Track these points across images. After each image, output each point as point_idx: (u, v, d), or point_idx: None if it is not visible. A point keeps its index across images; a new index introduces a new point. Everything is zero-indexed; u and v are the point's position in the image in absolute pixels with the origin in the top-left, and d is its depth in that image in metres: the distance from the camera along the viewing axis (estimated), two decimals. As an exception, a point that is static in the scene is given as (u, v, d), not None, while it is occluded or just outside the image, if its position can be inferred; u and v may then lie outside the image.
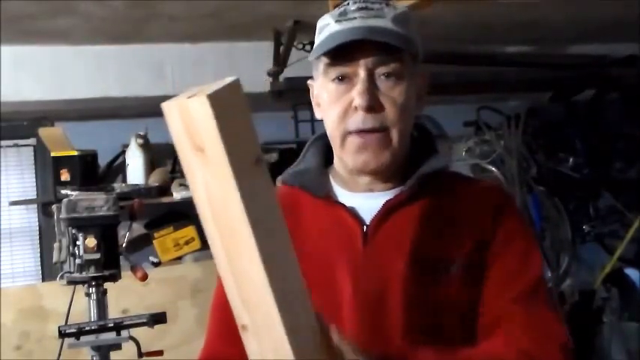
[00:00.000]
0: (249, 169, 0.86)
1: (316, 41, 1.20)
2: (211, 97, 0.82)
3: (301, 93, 1.48)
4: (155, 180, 3.65)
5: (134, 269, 2.36)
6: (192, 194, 0.90)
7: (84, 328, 2.14)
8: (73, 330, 2.12)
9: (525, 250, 1.20)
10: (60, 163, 3.33)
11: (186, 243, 3.75)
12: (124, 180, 3.79)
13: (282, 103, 3.40)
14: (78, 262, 2.23)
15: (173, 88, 3.38)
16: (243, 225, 0.85)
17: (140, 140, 3.74)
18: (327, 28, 1.17)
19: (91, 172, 3.39)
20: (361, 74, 1.14)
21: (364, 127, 1.14)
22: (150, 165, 3.76)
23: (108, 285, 2.26)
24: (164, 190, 3.62)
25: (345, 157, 1.18)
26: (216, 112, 0.82)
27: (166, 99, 0.88)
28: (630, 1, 2.81)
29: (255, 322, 0.90)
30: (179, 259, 3.74)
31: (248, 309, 0.90)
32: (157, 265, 3.64)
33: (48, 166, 3.66)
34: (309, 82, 1.27)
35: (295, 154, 1.27)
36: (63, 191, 2.57)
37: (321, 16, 1.22)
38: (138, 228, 3.66)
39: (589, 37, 3.65)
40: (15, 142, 4.01)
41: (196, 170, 0.87)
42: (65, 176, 3.28)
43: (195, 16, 2.92)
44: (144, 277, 2.35)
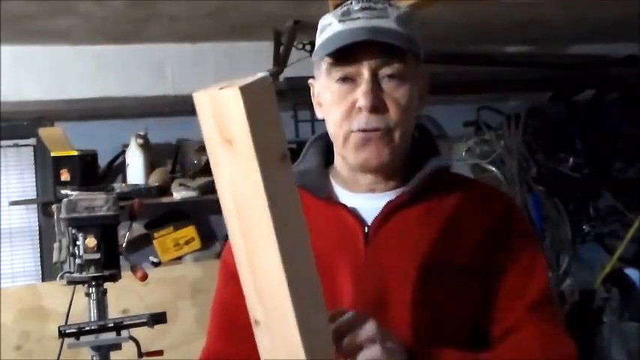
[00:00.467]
0: (275, 164, 0.87)
1: (318, 40, 1.19)
2: (244, 89, 0.82)
3: (301, 93, 1.48)
4: (155, 180, 3.65)
5: (134, 269, 2.36)
6: (215, 186, 0.90)
7: (84, 328, 2.14)
8: (73, 330, 2.12)
9: (532, 261, 1.20)
10: (60, 163, 3.32)
11: (186, 243, 3.75)
12: (124, 180, 3.79)
13: (282, 103, 3.40)
14: (78, 262, 2.23)
15: (173, 88, 3.38)
16: (265, 220, 0.85)
17: (140, 140, 3.74)
18: (330, 27, 1.16)
19: (91, 172, 3.38)
20: (365, 75, 1.13)
21: (367, 128, 1.14)
22: (150, 165, 3.76)
23: (108, 285, 2.26)
24: (164, 190, 3.62)
25: (347, 154, 1.18)
26: (248, 104, 0.82)
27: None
28: (630, 1, 2.81)
29: (269, 317, 0.90)
30: (179, 259, 3.75)
31: (263, 304, 0.90)
32: (157, 265, 3.64)
33: (48, 166, 3.66)
34: (310, 81, 1.26)
35: (295, 154, 1.27)
36: (63, 191, 2.57)
37: (322, 16, 1.21)
38: (138, 228, 3.66)
39: (589, 37, 3.65)
40: (15, 142, 4.01)
41: (223, 162, 0.87)
42: (65, 176, 3.28)
43: (195, 16, 2.91)
44: (144, 277, 2.35)
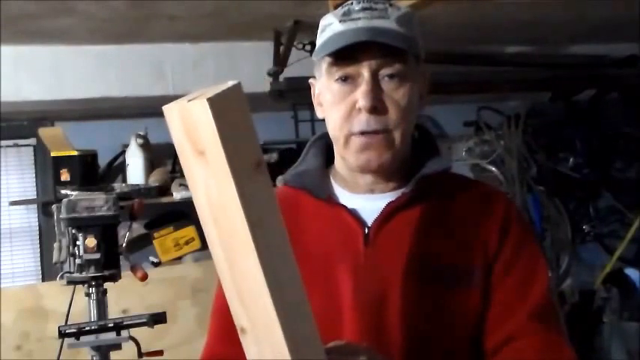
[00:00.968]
0: (249, 173, 0.86)
1: (319, 40, 1.19)
2: (212, 100, 0.81)
3: (301, 93, 1.48)
4: (155, 180, 3.65)
5: (134, 269, 2.36)
6: (192, 197, 0.90)
7: (84, 328, 2.13)
8: (73, 330, 2.12)
9: (533, 265, 1.19)
10: (60, 163, 3.33)
11: (186, 243, 3.75)
12: (124, 180, 3.79)
13: (282, 103, 3.40)
14: (78, 262, 2.23)
15: (173, 88, 3.38)
16: (242, 228, 0.85)
17: (140, 140, 3.74)
18: (331, 27, 1.16)
19: (91, 172, 3.39)
20: (365, 75, 1.13)
21: (368, 129, 1.14)
22: (150, 165, 3.76)
23: (108, 285, 2.26)
24: (164, 190, 3.62)
25: (348, 156, 1.18)
26: (217, 115, 0.82)
27: (166, 99, 0.88)
28: (630, 1, 2.81)
29: (254, 325, 0.90)
30: (179, 259, 3.75)
31: (247, 312, 0.90)
32: (156, 265, 3.64)
33: (48, 166, 3.66)
34: (310, 80, 1.26)
35: (295, 154, 1.27)
36: (63, 191, 2.57)
37: (322, 16, 1.21)
38: (138, 228, 3.66)
39: (589, 37, 3.65)
40: (15, 142, 4.01)
41: (197, 173, 0.87)
42: (65, 176, 3.28)
43: (195, 16, 2.91)
44: (144, 277, 2.35)
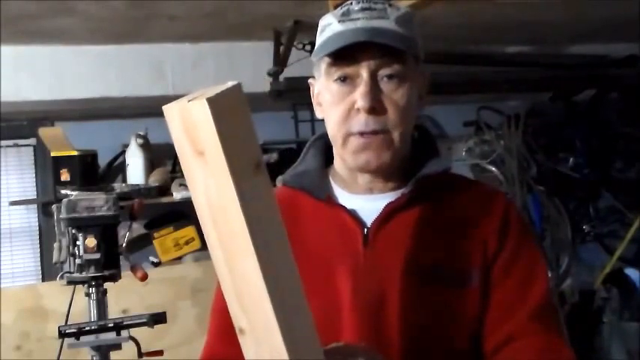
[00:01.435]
0: (249, 173, 0.86)
1: (318, 40, 1.19)
2: (211, 100, 0.82)
3: (301, 93, 1.48)
4: (155, 180, 3.65)
5: (134, 269, 2.36)
6: (192, 197, 0.90)
7: (84, 328, 2.13)
8: (73, 330, 2.12)
9: (532, 266, 1.19)
10: (60, 163, 3.32)
11: (186, 243, 3.75)
12: (124, 180, 3.79)
13: (282, 103, 3.40)
14: (78, 262, 2.23)
15: (173, 88, 3.38)
16: (242, 229, 0.85)
17: (140, 140, 3.74)
18: (330, 27, 1.16)
19: (91, 172, 3.39)
20: (364, 75, 1.13)
21: (366, 130, 1.14)
22: (150, 165, 3.76)
23: (108, 285, 2.26)
24: (164, 190, 3.62)
25: (347, 156, 1.18)
26: (217, 115, 0.82)
27: (166, 99, 0.88)
28: (630, 1, 2.81)
29: (253, 325, 0.90)
30: (179, 259, 3.75)
31: (246, 313, 0.90)
32: (156, 265, 3.64)
33: (48, 166, 3.66)
34: (309, 80, 1.26)
35: (295, 154, 1.27)
36: (63, 191, 2.57)
37: (322, 16, 1.21)
38: (138, 228, 3.66)
39: (589, 37, 3.65)
40: (15, 142, 4.01)
41: (196, 174, 0.87)
42: (65, 176, 3.28)
43: (195, 16, 2.91)
44: (144, 277, 2.35)
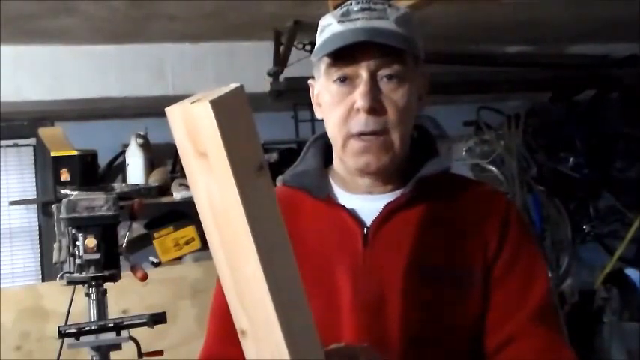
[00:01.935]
0: (251, 175, 0.87)
1: (318, 41, 1.19)
2: (214, 102, 0.82)
3: (301, 93, 1.48)
4: (155, 180, 3.65)
5: (134, 269, 2.36)
6: (194, 199, 0.90)
7: (84, 328, 2.14)
8: (73, 330, 2.12)
9: (532, 266, 1.19)
10: (60, 163, 3.33)
11: (186, 243, 3.75)
12: (124, 180, 3.79)
13: (282, 103, 3.40)
14: (78, 262, 2.23)
15: (173, 88, 3.38)
16: (244, 231, 0.85)
17: (140, 140, 3.74)
18: (330, 28, 1.16)
19: (91, 172, 3.39)
20: (363, 76, 1.13)
21: (366, 130, 1.14)
22: (150, 165, 3.76)
23: (108, 285, 2.26)
24: (164, 190, 3.62)
25: (347, 158, 1.18)
26: (219, 118, 0.82)
27: (166, 99, 0.88)
28: (630, 1, 2.81)
29: (255, 327, 0.90)
30: (179, 259, 3.75)
31: (247, 314, 0.90)
32: (156, 265, 3.64)
33: (48, 166, 3.66)
34: (309, 81, 1.26)
35: (295, 154, 1.27)
36: (63, 191, 2.57)
37: (322, 16, 1.21)
38: (138, 228, 3.66)
39: (589, 37, 3.65)
40: (15, 142, 4.01)
41: (198, 176, 0.87)
42: (65, 176, 3.29)
43: (195, 16, 2.92)
44: (144, 277, 2.35)
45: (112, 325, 2.15)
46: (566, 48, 3.86)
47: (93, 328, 2.15)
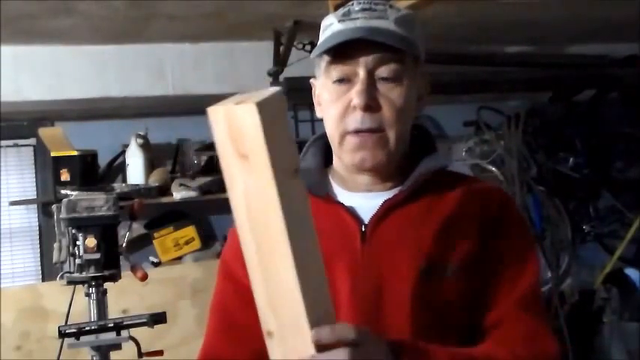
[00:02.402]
0: (289, 178, 0.89)
1: (320, 40, 1.21)
2: (260, 104, 0.83)
3: (301, 93, 1.49)
4: (155, 180, 3.65)
5: (134, 269, 2.36)
6: (229, 199, 0.91)
7: (84, 328, 2.14)
8: (73, 330, 2.12)
9: (524, 259, 1.21)
10: (60, 163, 3.32)
11: (186, 243, 3.75)
12: (124, 180, 3.79)
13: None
14: (78, 262, 2.23)
15: (173, 88, 3.38)
16: (280, 233, 0.87)
17: (140, 140, 3.74)
18: (330, 27, 1.18)
19: (91, 172, 3.38)
20: (361, 74, 1.15)
21: (362, 127, 1.15)
22: (150, 165, 3.76)
23: (108, 285, 2.26)
24: (164, 190, 3.62)
25: (344, 155, 1.20)
26: (264, 120, 0.84)
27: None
28: (630, 1, 2.81)
29: (282, 328, 0.92)
30: (179, 259, 3.75)
31: (276, 315, 0.92)
32: (156, 265, 3.64)
33: (48, 166, 3.66)
34: (311, 80, 1.27)
35: (295, 154, 1.27)
36: (63, 191, 2.57)
37: (322, 16, 1.23)
38: (138, 228, 3.66)
39: (589, 37, 3.65)
40: (15, 142, 4.01)
41: (237, 176, 0.88)
42: (65, 176, 3.28)
43: (195, 16, 2.92)
44: (144, 277, 2.36)
45: (112, 325, 2.15)
46: (566, 48, 3.86)
47: (93, 328, 2.15)
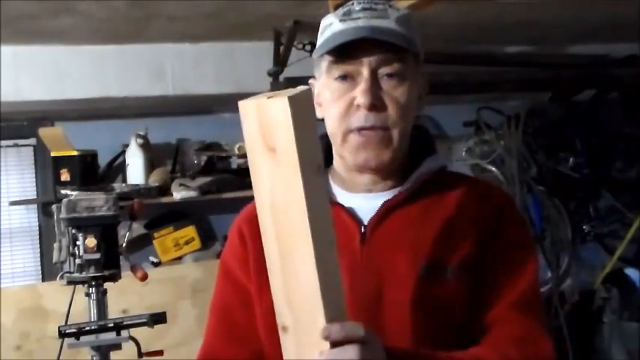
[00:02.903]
0: (314, 174, 0.90)
1: (319, 40, 1.20)
2: (292, 99, 0.86)
3: (301, 93, 1.48)
4: (155, 180, 3.65)
5: (134, 269, 2.36)
6: (253, 192, 0.92)
7: (84, 328, 2.14)
8: (73, 330, 2.12)
9: (522, 260, 1.20)
10: (60, 163, 3.33)
11: (186, 243, 3.75)
12: (124, 180, 3.78)
13: (282, 103, 3.39)
14: (78, 262, 2.23)
15: (173, 88, 3.37)
16: (303, 227, 0.88)
17: (140, 140, 3.74)
18: (331, 27, 1.18)
19: (91, 172, 3.39)
20: (364, 73, 1.14)
21: (366, 125, 1.15)
22: (150, 165, 3.76)
23: (108, 285, 2.26)
24: (164, 190, 3.62)
25: (346, 154, 1.19)
26: (294, 114, 0.86)
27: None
28: (630, 1, 2.81)
29: (298, 323, 0.93)
30: (179, 259, 3.75)
31: (292, 310, 0.93)
32: (157, 265, 3.64)
33: (48, 166, 3.66)
34: (310, 81, 1.27)
35: (295, 154, 1.27)
36: (63, 191, 2.57)
37: (322, 16, 1.23)
38: (138, 228, 3.66)
39: (589, 37, 3.65)
40: (15, 142, 4.00)
41: (263, 169, 0.90)
42: (65, 176, 3.28)
43: (195, 16, 2.91)
44: (144, 277, 2.36)
45: (112, 325, 2.15)
46: (566, 48, 3.86)
47: (93, 328, 2.15)
